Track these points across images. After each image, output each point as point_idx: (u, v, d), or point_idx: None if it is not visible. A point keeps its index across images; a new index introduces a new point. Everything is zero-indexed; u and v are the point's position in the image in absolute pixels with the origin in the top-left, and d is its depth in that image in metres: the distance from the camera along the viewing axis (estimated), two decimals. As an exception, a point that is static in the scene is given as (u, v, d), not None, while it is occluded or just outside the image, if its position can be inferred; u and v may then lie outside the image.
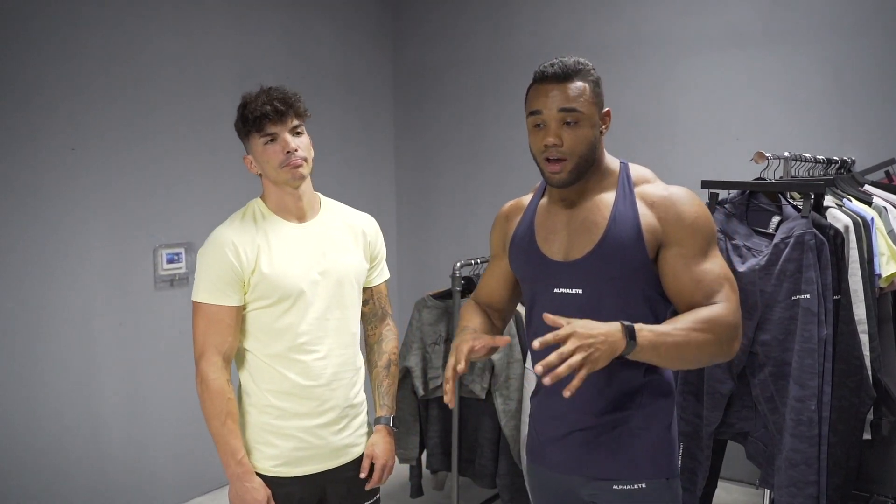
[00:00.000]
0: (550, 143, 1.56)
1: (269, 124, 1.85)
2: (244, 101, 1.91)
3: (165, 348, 3.50)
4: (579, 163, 1.59)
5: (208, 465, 3.66)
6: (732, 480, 3.61)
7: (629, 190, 1.64)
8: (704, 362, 1.56)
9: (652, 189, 1.64)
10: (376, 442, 2.04)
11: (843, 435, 2.35)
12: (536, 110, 1.59)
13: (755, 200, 2.48)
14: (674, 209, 1.59)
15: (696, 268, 1.55)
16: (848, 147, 3.35)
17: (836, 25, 3.41)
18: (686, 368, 1.52)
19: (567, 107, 1.56)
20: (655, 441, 1.65)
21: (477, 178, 4.47)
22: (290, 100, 1.89)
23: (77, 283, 3.19)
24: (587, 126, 1.59)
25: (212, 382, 1.85)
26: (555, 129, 1.57)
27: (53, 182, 3.10)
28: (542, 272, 1.67)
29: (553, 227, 1.69)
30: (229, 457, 1.87)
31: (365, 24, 4.54)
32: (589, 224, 1.62)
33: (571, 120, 1.57)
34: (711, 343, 1.48)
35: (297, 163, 1.87)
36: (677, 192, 1.62)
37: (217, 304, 1.86)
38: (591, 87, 1.61)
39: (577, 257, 1.62)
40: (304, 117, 1.92)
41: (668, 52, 3.79)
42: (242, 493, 1.87)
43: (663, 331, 1.46)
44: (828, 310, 2.29)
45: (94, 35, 3.20)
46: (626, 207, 1.61)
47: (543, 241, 1.69)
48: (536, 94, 1.61)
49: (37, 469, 3.07)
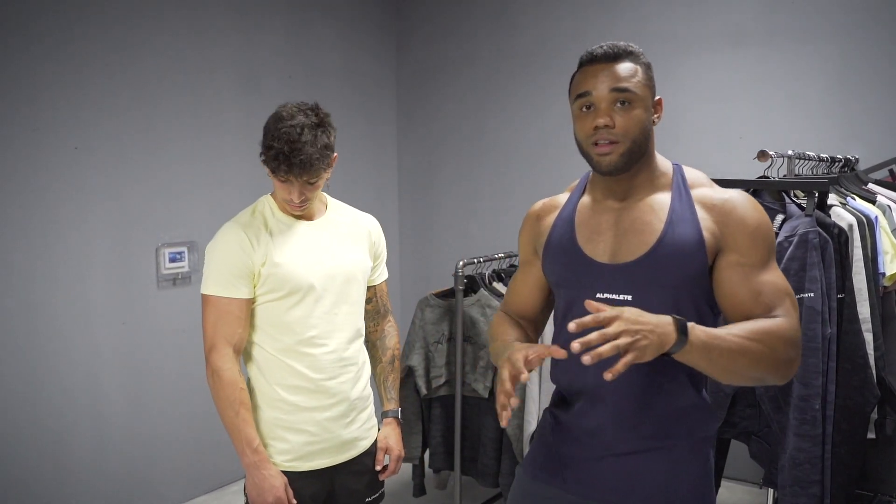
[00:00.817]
0: (601, 123, 1.43)
1: (281, 173, 1.84)
2: (274, 131, 1.83)
3: (168, 347, 3.50)
4: (632, 147, 1.45)
5: (212, 464, 3.67)
6: (736, 480, 3.61)
7: (686, 192, 1.51)
8: (756, 379, 1.40)
9: (711, 192, 1.50)
10: (388, 434, 2.11)
11: (847, 434, 2.34)
12: (585, 91, 1.46)
13: (759, 199, 2.48)
14: (735, 214, 1.45)
15: (756, 278, 1.42)
16: (852, 145, 3.35)
17: (840, 24, 3.40)
18: (735, 383, 1.37)
19: (619, 86, 1.44)
20: (701, 476, 1.51)
21: (480, 177, 4.47)
22: (313, 165, 1.82)
23: (80, 281, 3.19)
24: (641, 109, 1.45)
25: (224, 373, 1.86)
26: (606, 109, 1.44)
27: (56, 181, 3.10)
28: (585, 275, 1.51)
29: (598, 227, 1.54)
30: (245, 446, 1.87)
31: (368, 23, 4.54)
32: (641, 225, 1.48)
33: (624, 100, 1.44)
34: (768, 358, 1.34)
35: (297, 208, 1.91)
36: (738, 196, 1.48)
37: (227, 296, 1.87)
38: (644, 69, 1.48)
39: (628, 260, 1.47)
40: (322, 177, 1.90)
41: (672, 51, 3.79)
42: (259, 481, 1.87)
43: (717, 334, 1.32)
44: (832, 308, 2.28)
45: (98, 34, 3.20)
46: (683, 210, 1.48)
47: (586, 241, 1.53)
48: (584, 76, 1.48)
49: (40, 467, 3.07)
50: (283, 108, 1.87)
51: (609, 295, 1.47)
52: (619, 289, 1.47)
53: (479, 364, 3.00)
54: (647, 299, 1.43)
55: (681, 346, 1.27)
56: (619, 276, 1.48)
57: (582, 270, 1.52)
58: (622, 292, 1.47)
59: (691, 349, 1.28)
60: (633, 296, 1.45)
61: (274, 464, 1.91)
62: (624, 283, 1.47)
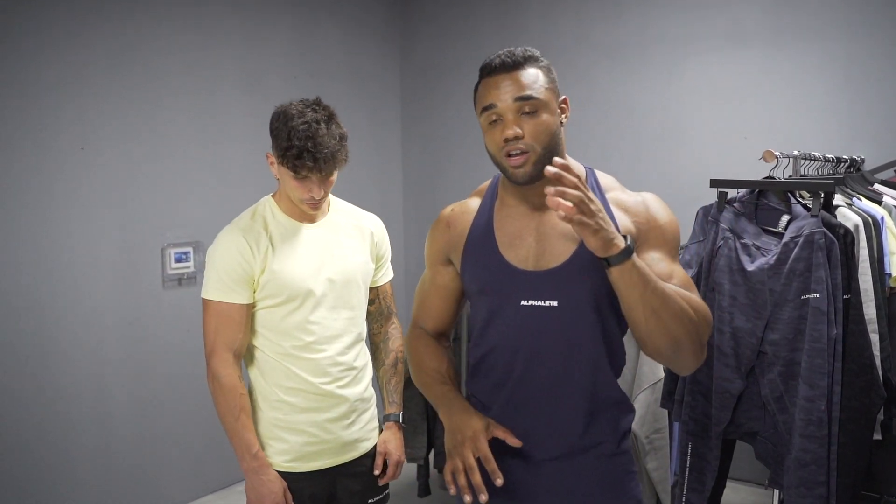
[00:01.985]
0: (510, 135, 1.41)
1: (305, 171, 1.82)
2: (289, 130, 1.80)
3: (174, 347, 3.51)
4: (543, 154, 1.43)
5: (217, 464, 3.67)
6: (741, 480, 3.60)
7: (601, 195, 1.51)
8: (673, 340, 1.35)
9: (624, 195, 1.52)
10: (388, 439, 2.08)
11: (853, 435, 2.33)
12: (490, 104, 1.43)
13: (764, 199, 2.47)
14: (649, 213, 1.48)
15: (669, 271, 1.44)
16: (857, 146, 3.34)
17: (845, 23, 3.39)
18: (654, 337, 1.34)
19: (523, 94, 1.41)
20: (630, 467, 1.54)
21: (484, 178, 4.44)
22: (336, 156, 1.82)
23: (86, 282, 3.20)
24: (547, 114, 1.43)
25: (224, 379, 1.86)
26: (513, 119, 1.42)
27: (62, 181, 3.11)
28: (508, 283, 1.48)
29: (518, 233, 1.51)
30: (244, 451, 1.87)
31: (373, 23, 4.54)
32: (563, 229, 1.46)
33: (530, 108, 1.42)
34: (691, 322, 1.34)
35: (316, 206, 1.90)
36: (650, 196, 1.52)
37: (227, 301, 1.87)
38: (545, 73, 1.46)
39: (552, 266, 1.45)
40: (341, 168, 1.89)
41: (676, 52, 3.78)
42: (258, 485, 1.88)
43: (655, 275, 1.33)
44: (837, 309, 2.27)
45: (103, 35, 3.21)
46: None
47: (507, 247, 1.50)
48: (487, 88, 1.45)
49: (46, 467, 3.09)
50: (288, 106, 1.84)
51: (534, 302, 1.46)
52: (545, 295, 1.45)
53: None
54: (576, 304, 1.44)
55: (624, 257, 1.26)
56: (544, 282, 1.46)
57: (504, 278, 1.49)
58: (548, 298, 1.45)
59: (633, 267, 1.27)
60: (559, 301, 1.44)
61: (273, 464, 1.91)
62: (549, 290, 1.45)
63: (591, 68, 3.95)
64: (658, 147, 3.80)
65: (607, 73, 3.98)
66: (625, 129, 3.93)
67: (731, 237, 2.43)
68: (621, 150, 3.90)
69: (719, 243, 2.43)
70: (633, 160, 3.86)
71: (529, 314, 1.46)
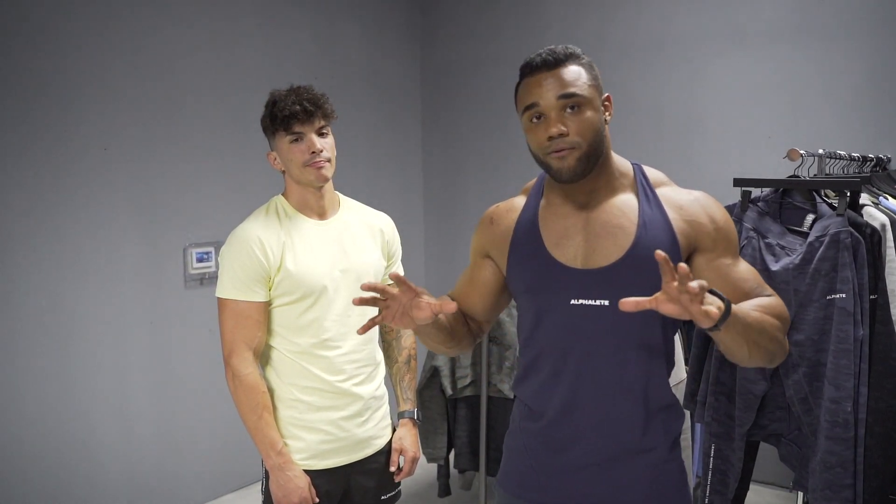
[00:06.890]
0: (555, 132, 1.39)
1: (296, 124, 1.88)
2: (273, 99, 1.93)
3: (196, 346, 3.53)
4: (588, 151, 1.41)
5: (238, 463, 3.69)
6: (765, 483, 3.56)
7: (651, 192, 1.49)
8: (769, 354, 1.35)
9: (675, 192, 1.50)
10: (403, 436, 2.10)
11: (880, 437, 2.30)
12: (532, 103, 1.42)
13: (789, 198, 2.44)
14: (705, 213, 1.46)
15: (735, 272, 1.44)
16: (883, 144, 3.29)
17: (870, 21, 3.34)
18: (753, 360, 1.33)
19: (566, 92, 1.40)
20: (681, 474, 1.51)
21: (505, 178, 4.46)
22: (319, 100, 1.90)
23: (108, 281, 3.23)
24: (591, 111, 1.42)
25: (245, 377, 1.88)
26: (556, 117, 1.40)
27: (85, 181, 3.14)
28: (555, 281, 1.47)
29: (565, 231, 1.49)
30: (269, 448, 1.89)
31: (393, 22, 4.55)
32: (613, 228, 1.45)
33: (573, 104, 1.40)
34: (781, 331, 1.34)
35: (321, 164, 1.90)
36: (702, 196, 1.50)
37: (244, 300, 1.88)
38: (587, 70, 1.45)
39: (603, 265, 1.44)
40: (331, 118, 1.94)
41: (699, 49, 3.75)
42: (284, 482, 1.89)
43: (741, 306, 1.29)
44: (864, 309, 2.24)
45: (125, 36, 3.24)
46: (653, 211, 1.46)
47: (554, 246, 1.49)
48: (528, 87, 1.44)
49: (68, 465, 3.12)
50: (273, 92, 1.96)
51: (584, 301, 1.44)
52: (595, 294, 1.43)
53: (505, 364, 2.99)
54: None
55: (727, 315, 1.21)
56: (594, 281, 1.44)
57: (553, 276, 1.47)
58: (598, 297, 1.43)
59: (735, 321, 1.24)
60: (609, 300, 1.42)
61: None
62: (599, 288, 1.43)
63: (613, 68, 3.93)
64: (681, 146, 3.78)
65: (628, 72, 3.95)
66: (647, 128, 3.90)
67: (755, 237, 2.40)
68: (644, 150, 3.87)
69: (743, 243, 2.40)
70: (656, 160, 3.78)
71: (579, 313, 1.44)
